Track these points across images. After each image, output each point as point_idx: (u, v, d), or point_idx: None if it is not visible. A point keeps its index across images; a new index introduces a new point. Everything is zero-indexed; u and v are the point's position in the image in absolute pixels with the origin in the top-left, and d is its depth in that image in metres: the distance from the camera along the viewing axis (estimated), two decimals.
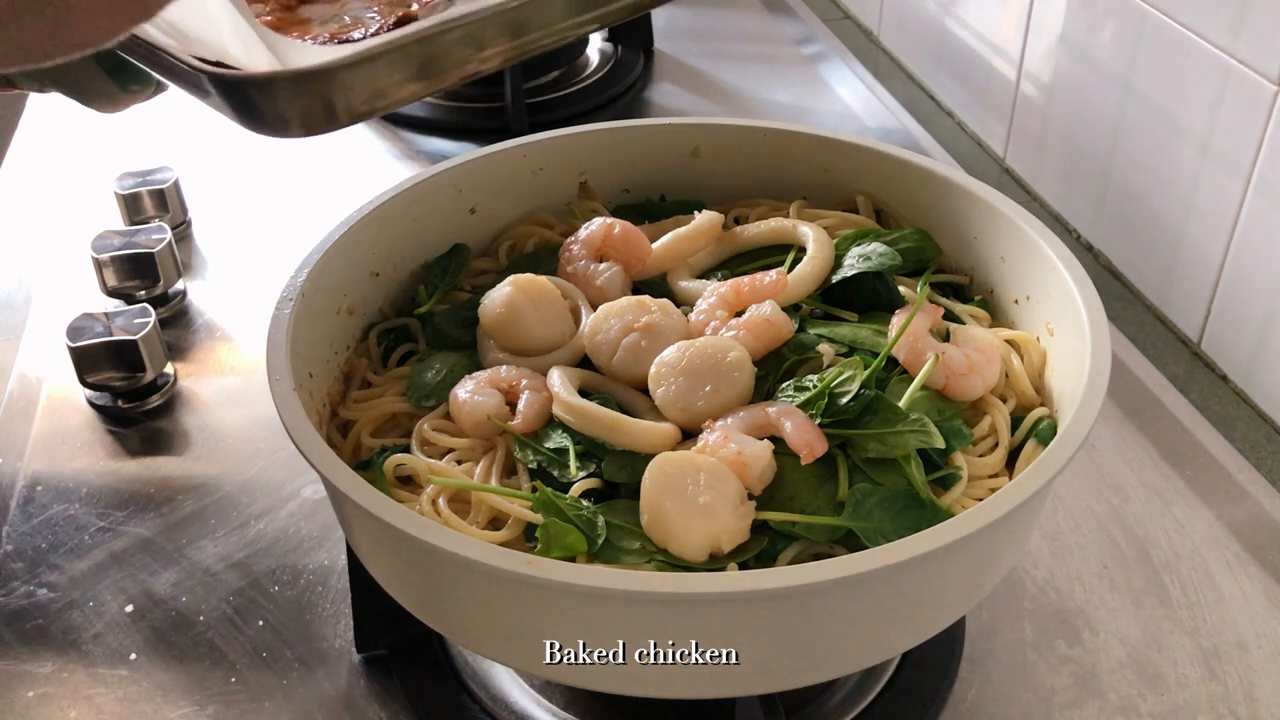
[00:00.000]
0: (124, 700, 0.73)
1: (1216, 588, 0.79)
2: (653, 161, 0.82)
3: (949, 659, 0.74)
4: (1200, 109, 0.95)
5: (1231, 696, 0.72)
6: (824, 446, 0.60)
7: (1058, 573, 0.80)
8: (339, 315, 0.71)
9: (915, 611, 0.57)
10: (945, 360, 0.65)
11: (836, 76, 1.40)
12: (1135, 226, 1.07)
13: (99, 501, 0.86)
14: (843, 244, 0.74)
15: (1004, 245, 0.72)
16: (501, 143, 0.79)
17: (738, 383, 0.63)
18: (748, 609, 0.53)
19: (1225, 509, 0.84)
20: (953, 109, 1.37)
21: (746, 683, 0.56)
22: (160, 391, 0.95)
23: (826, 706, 0.71)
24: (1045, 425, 0.64)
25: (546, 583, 0.51)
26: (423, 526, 0.53)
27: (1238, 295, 0.95)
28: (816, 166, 0.80)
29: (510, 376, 0.67)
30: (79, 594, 0.79)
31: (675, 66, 1.44)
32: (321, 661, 0.75)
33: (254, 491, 0.87)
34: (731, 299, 0.69)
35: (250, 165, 1.26)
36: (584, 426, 0.63)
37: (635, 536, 0.58)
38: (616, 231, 0.74)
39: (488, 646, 0.60)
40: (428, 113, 1.33)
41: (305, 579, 0.80)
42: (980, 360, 0.66)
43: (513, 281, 0.69)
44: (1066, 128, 1.14)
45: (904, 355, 0.66)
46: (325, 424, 0.67)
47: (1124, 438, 0.90)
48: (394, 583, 0.61)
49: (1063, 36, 1.12)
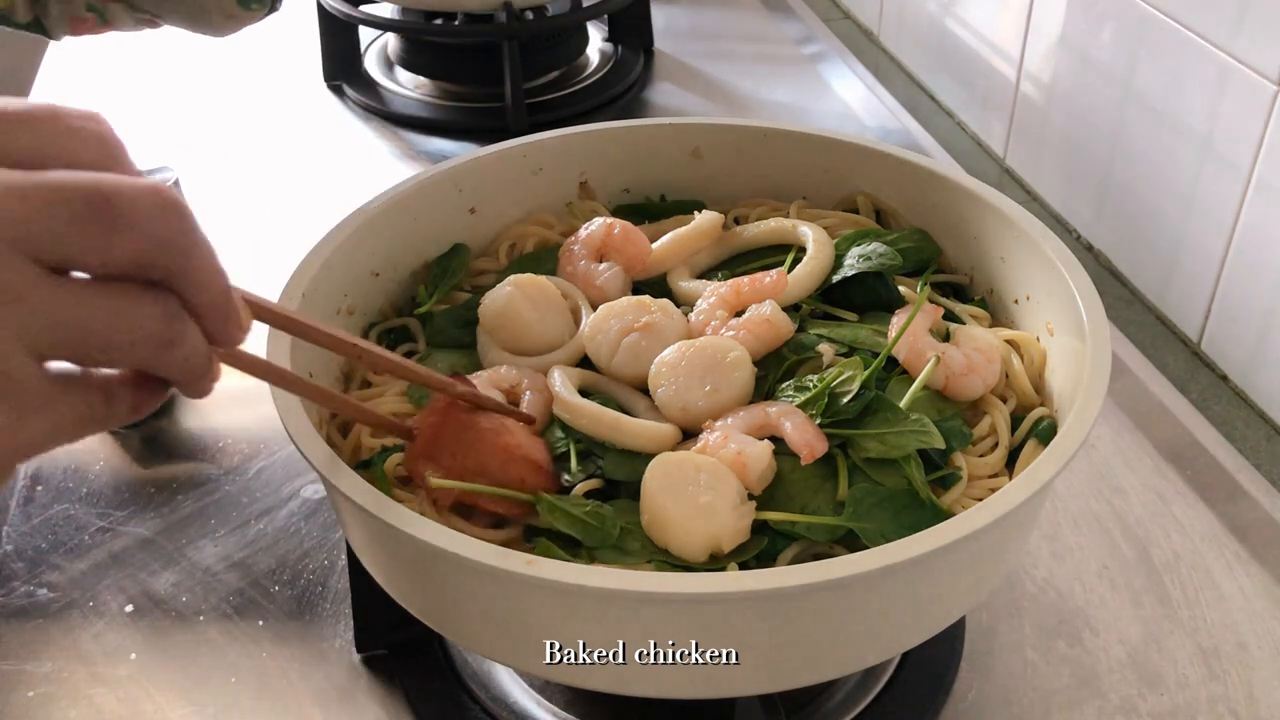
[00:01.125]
0: (124, 700, 0.73)
1: (1216, 588, 0.79)
2: (653, 161, 0.83)
3: (949, 659, 0.74)
4: (1200, 109, 0.95)
5: (1231, 696, 0.72)
6: (824, 446, 0.60)
7: (1058, 573, 0.80)
8: (339, 315, 0.71)
9: (915, 611, 0.57)
10: (945, 360, 0.65)
11: (836, 76, 1.40)
12: (1135, 226, 1.07)
13: (99, 501, 0.86)
14: (843, 244, 0.74)
15: (1004, 245, 0.72)
16: (501, 143, 0.79)
17: (738, 383, 0.63)
18: (748, 609, 0.53)
19: (1225, 509, 0.84)
20: (953, 109, 1.37)
21: (746, 683, 0.56)
22: None
23: (826, 706, 0.71)
24: (1045, 425, 0.64)
25: (546, 583, 0.51)
26: (423, 527, 0.53)
27: (1238, 295, 0.95)
28: (816, 166, 0.80)
29: (510, 376, 0.67)
30: (79, 594, 0.79)
31: (675, 66, 1.44)
32: (321, 661, 0.75)
33: (254, 491, 0.87)
34: (731, 299, 0.69)
35: (250, 165, 1.26)
36: (584, 426, 0.63)
37: (635, 536, 0.58)
38: (617, 232, 0.74)
39: (488, 646, 0.60)
40: (428, 113, 1.33)
41: (305, 579, 0.80)
42: (980, 360, 0.66)
43: (513, 281, 0.69)
44: (1066, 128, 1.14)
45: (904, 355, 0.66)
46: (325, 424, 0.67)
47: (1124, 438, 0.90)
48: (394, 583, 0.61)
49: (1063, 36, 1.12)
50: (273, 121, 1.34)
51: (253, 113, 1.34)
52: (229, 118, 1.32)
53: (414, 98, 1.36)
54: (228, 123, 1.32)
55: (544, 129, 0.81)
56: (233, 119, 1.32)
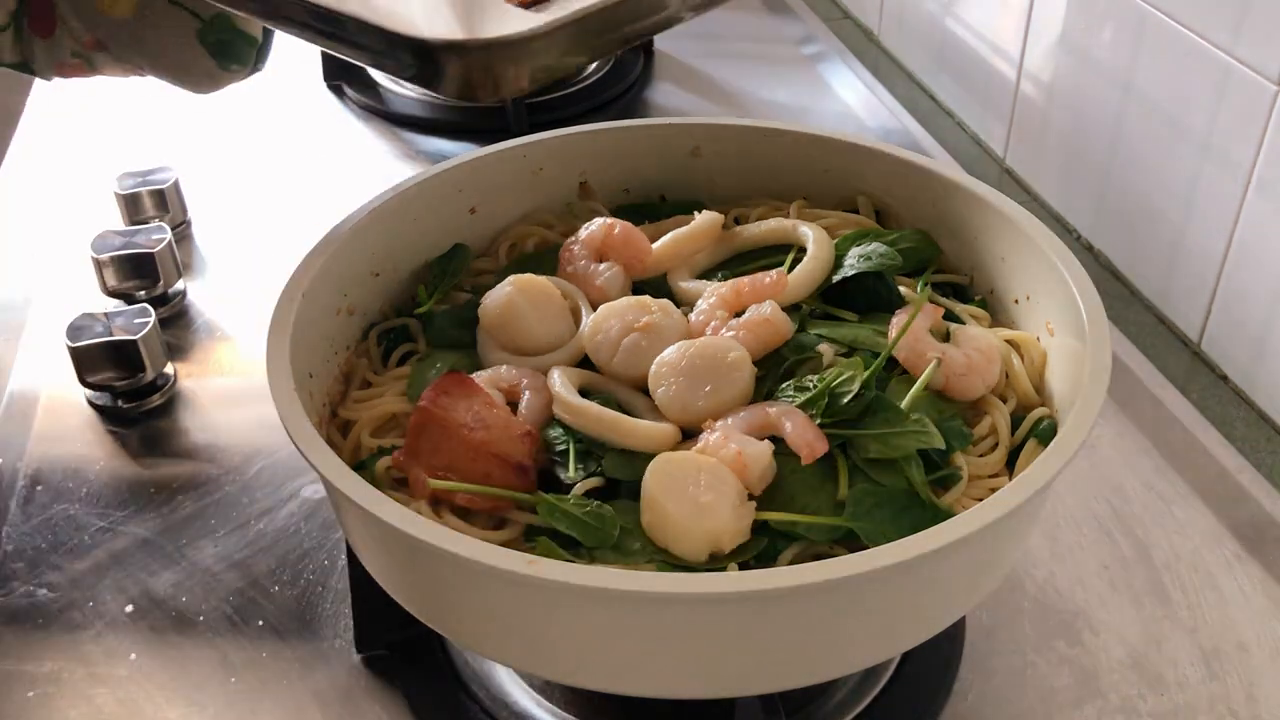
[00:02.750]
0: (124, 700, 0.73)
1: (1216, 588, 0.79)
2: (653, 161, 0.82)
3: (949, 659, 0.74)
4: (1200, 109, 0.95)
5: (1231, 697, 0.72)
6: (824, 447, 0.60)
7: (1058, 573, 0.80)
8: (339, 315, 0.71)
9: (915, 611, 0.57)
10: (946, 360, 0.65)
11: (836, 76, 1.40)
12: (1135, 226, 1.07)
13: (99, 501, 0.86)
14: (843, 244, 0.74)
15: (1004, 245, 0.72)
16: (501, 143, 0.79)
17: (738, 383, 0.63)
18: (748, 609, 0.53)
19: (1225, 509, 0.84)
20: (953, 109, 1.37)
21: (746, 683, 0.56)
22: (160, 391, 0.95)
23: (826, 706, 0.71)
24: (1045, 425, 0.64)
25: (546, 583, 0.51)
26: (423, 527, 0.53)
27: (1238, 295, 0.95)
28: (816, 166, 0.80)
29: (510, 376, 0.67)
30: (79, 594, 0.79)
31: (675, 66, 1.44)
32: (321, 661, 0.75)
33: (254, 491, 0.87)
34: (731, 299, 0.69)
35: (250, 165, 1.26)
36: (584, 426, 0.63)
37: (635, 536, 0.58)
38: (617, 232, 0.74)
39: (487, 646, 0.60)
40: (428, 113, 1.33)
41: (305, 579, 0.80)
42: (980, 360, 0.66)
43: (513, 281, 0.69)
44: (1066, 128, 1.14)
45: (904, 355, 0.66)
46: (325, 424, 0.67)
47: (1124, 438, 0.90)
48: (394, 583, 0.61)
49: (1063, 36, 1.12)
50: (273, 121, 1.34)
51: (253, 112, 1.34)
52: (229, 117, 1.32)
53: (414, 98, 1.36)
54: (228, 122, 1.32)
55: (544, 129, 0.81)
56: (233, 119, 1.32)
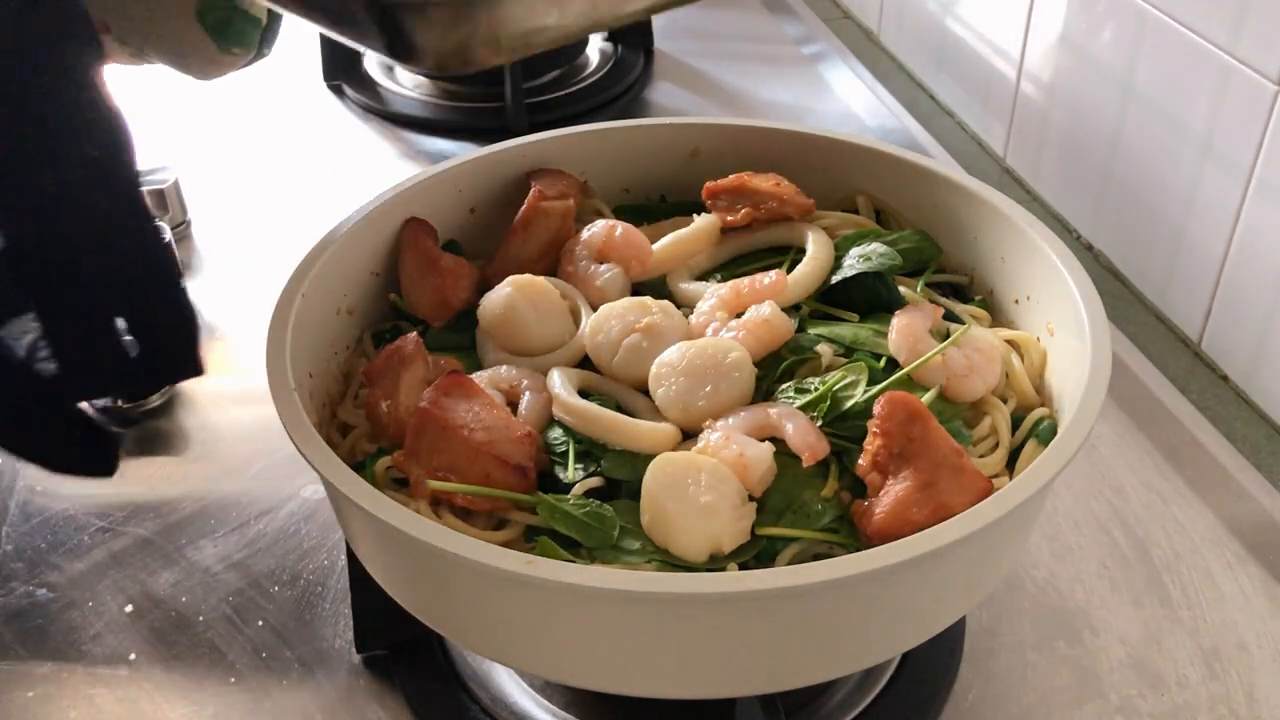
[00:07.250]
0: (124, 700, 0.73)
1: (1216, 588, 0.79)
2: (653, 161, 0.82)
3: (949, 659, 0.74)
4: (1200, 109, 0.95)
5: (1231, 696, 0.72)
6: (826, 449, 0.60)
7: (1058, 573, 0.80)
8: (339, 315, 0.71)
9: (915, 611, 0.57)
10: (946, 361, 0.65)
11: (836, 76, 1.40)
12: (1135, 226, 1.07)
13: (99, 501, 0.86)
14: (843, 244, 0.74)
15: (1004, 245, 0.72)
16: (501, 143, 0.79)
17: (738, 383, 0.63)
18: (748, 609, 0.53)
19: (1225, 509, 0.84)
20: (953, 109, 1.37)
21: (746, 683, 0.57)
22: (160, 391, 0.95)
23: (826, 706, 0.71)
24: (1045, 425, 0.64)
25: (546, 583, 0.51)
26: (423, 527, 0.53)
27: (1238, 295, 0.95)
28: (816, 166, 0.80)
29: (510, 377, 0.67)
30: (79, 594, 0.79)
31: (675, 66, 1.44)
32: (321, 661, 0.75)
33: (254, 491, 0.87)
34: (731, 300, 0.69)
35: (250, 165, 1.26)
36: (584, 427, 0.63)
37: (635, 536, 0.58)
38: (618, 234, 0.74)
39: (487, 646, 0.60)
40: (428, 113, 1.33)
41: (305, 579, 0.80)
42: (981, 361, 0.66)
43: (512, 282, 0.69)
44: (1066, 128, 1.14)
45: (905, 356, 0.66)
46: (325, 424, 0.67)
47: (1124, 438, 0.90)
48: (394, 583, 0.61)
49: (1063, 36, 1.12)
50: (273, 121, 1.34)
51: (253, 112, 1.34)
52: (229, 117, 1.32)
53: (414, 98, 1.36)
54: (228, 122, 1.32)
55: (544, 129, 0.81)
56: (233, 119, 1.32)
